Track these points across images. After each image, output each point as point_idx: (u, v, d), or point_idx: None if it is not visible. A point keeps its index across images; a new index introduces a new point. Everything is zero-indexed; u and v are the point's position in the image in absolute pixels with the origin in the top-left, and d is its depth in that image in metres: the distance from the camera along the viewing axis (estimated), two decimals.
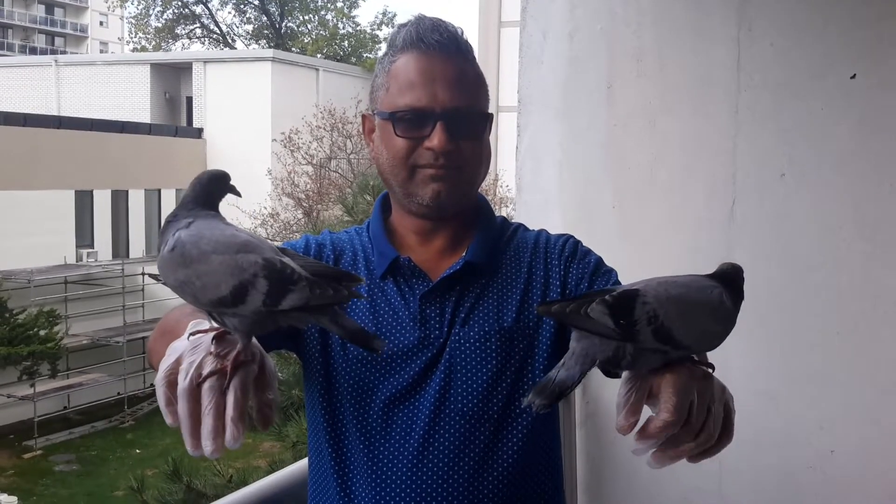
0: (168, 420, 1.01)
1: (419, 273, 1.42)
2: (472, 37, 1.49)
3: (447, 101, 1.37)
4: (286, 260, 1.03)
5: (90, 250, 21.15)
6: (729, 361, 2.32)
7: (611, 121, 2.41)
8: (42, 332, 16.63)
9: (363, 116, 1.49)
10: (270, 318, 1.03)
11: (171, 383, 1.01)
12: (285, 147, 19.04)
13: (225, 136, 24.19)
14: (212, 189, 1.11)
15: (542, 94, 2.49)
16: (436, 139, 1.36)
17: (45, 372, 17.12)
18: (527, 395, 1.02)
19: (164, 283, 1.06)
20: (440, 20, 1.42)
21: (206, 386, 0.98)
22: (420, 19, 1.42)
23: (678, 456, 0.99)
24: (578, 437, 2.52)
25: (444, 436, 1.35)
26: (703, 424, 0.99)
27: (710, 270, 2.28)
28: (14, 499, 14.00)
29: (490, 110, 1.48)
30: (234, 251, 1.02)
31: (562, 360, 1.02)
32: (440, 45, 1.39)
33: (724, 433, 1.03)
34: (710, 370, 1.05)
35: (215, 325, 1.06)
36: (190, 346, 1.03)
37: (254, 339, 1.05)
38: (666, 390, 0.97)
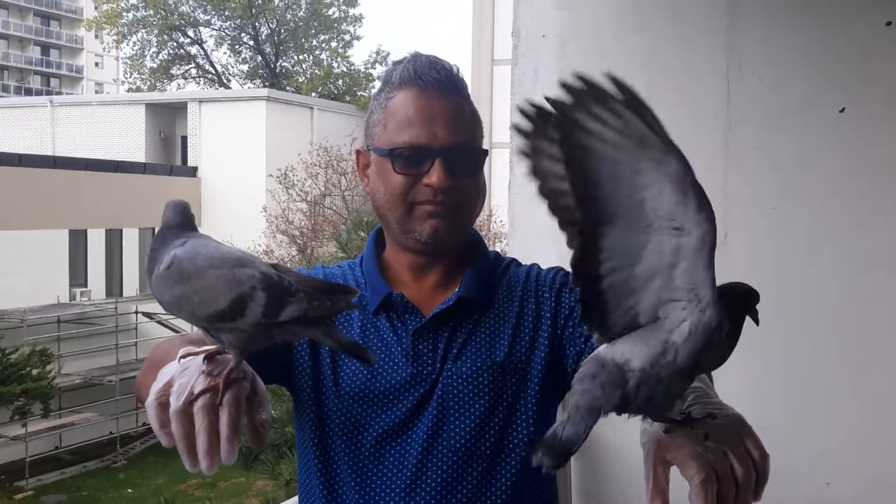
0: (163, 441, 1.02)
1: (412, 309, 1.42)
2: (465, 74, 1.51)
3: (446, 139, 1.38)
4: (282, 274, 1.04)
5: (84, 289, 21.09)
6: (724, 393, 2.33)
7: None
8: (34, 372, 16.53)
9: (358, 152, 1.50)
10: (267, 332, 1.03)
11: (163, 405, 1.01)
12: (280, 184, 19.10)
13: (220, 175, 24.26)
14: (190, 216, 1.13)
15: None
16: (435, 176, 1.37)
17: (38, 411, 16.97)
18: (535, 455, 1.01)
19: (159, 301, 1.06)
20: (436, 58, 1.44)
21: (198, 405, 0.98)
22: (416, 57, 1.44)
23: None
24: (574, 472, 2.50)
25: (436, 471, 1.34)
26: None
27: None
28: None
29: (484, 146, 1.49)
30: (230, 266, 1.03)
31: (567, 414, 1.02)
32: (438, 83, 1.41)
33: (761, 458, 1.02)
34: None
35: (207, 347, 1.06)
36: (181, 369, 1.04)
37: (245, 363, 1.05)
38: (679, 456, 0.96)
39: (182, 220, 1.10)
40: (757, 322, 1.07)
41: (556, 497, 1.49)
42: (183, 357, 1.06)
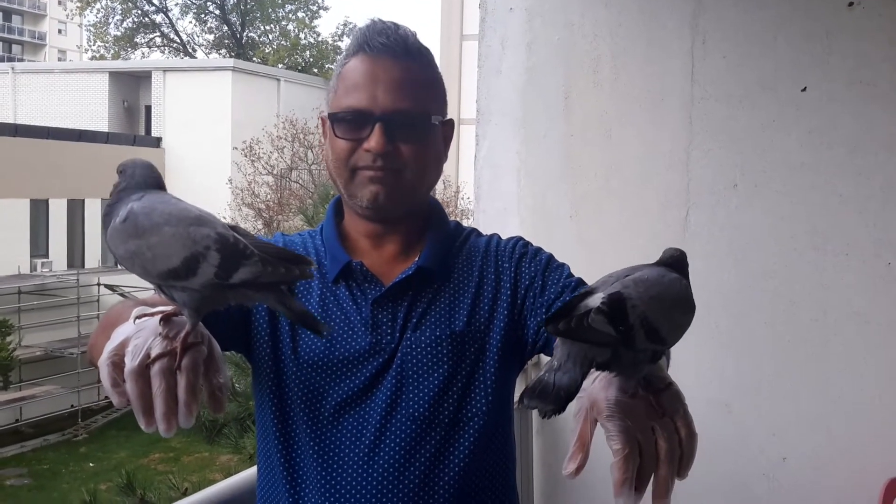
0: (115, 400, 1.00)
1: (371, 278, 1.41)
2: (434, 50, 1.49)
3: (387, 104, 1.36)
4: (238, 236, 1.03)
5: (45, 260, 20.80)
6: (682, 369, 2.35)
7: (568, 130, 2.43)
8: None
9: (321, 120, 1.48)
10: (220, 294, 1.02)
11: (116, 364, 1.00)
12: (246, 157, 18.92)
13: (184, 146, 23.97)
14: (157, 175, 1.11)
15: (501, 103, 2.51)
16: (373, 141, 1.35)
17: None
18: (523, 402, 1.00)
19: (113, 254, 1.04)
20: (393, 24, 1.42)
21: (155, 368, 0.97)
22: (372, 23, 1.42)
23: (663, 487, 0.97)
24: (535, 446, 2.53)
25: (395, 439, 1.34)
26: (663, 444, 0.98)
27: None
28: None
29: (449, 116, 1.48)
30: (186, 224, 1.02)
31: (556, 364, 1.01)
32: (385, 48, 1.38)
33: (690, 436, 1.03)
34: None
35: (163, 308, 1.05)
36: (136, 329, 1.02)
37: (201, 325, 1.04)
38: (610, 425, 0.96)
39: (144, 179, 1.08)
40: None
41: (514, 465, 1.50)
42: (138, 318, 1.04)
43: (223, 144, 22.38)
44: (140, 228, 1.01)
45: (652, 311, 1.01)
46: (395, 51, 1.39)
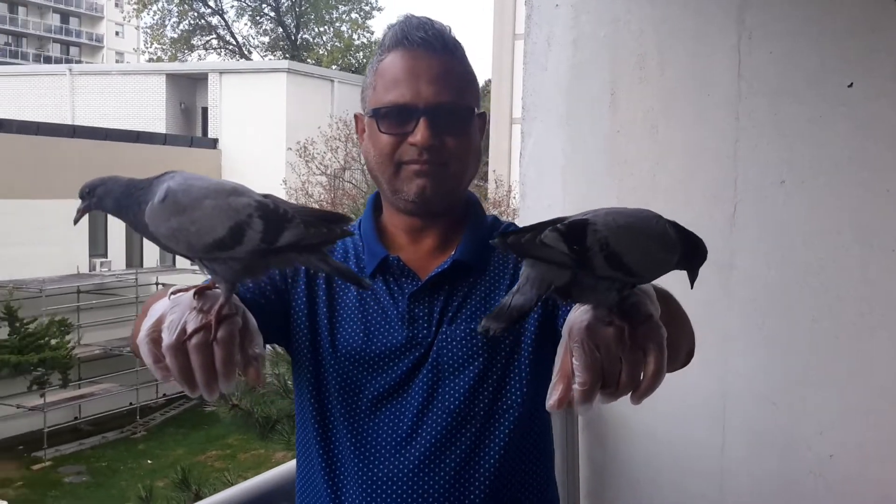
0: (158, 376, 1.04)
1: (408, 272, 1.43)
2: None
3: (431, 97, 1.38)
4: (277, 202, 1.06)
5: (103, 260, 21.26)
6: (728, 365, 2.35)
7: (613, 127, 2.43)
8: (53, 342, 16.67)
9: (356, 117, 1.50)
10: (263, 260, 1.05)
11: (155, 341, 1.03)
12: (300, 157, 19.15)
13: (240, 147, 24.33)
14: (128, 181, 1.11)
15: (546, 100, 2.52)
16: (419, 134, 1.37)
17: (56, 382, 17.14)
18: (482, 323, 1.03)
19: (154, 235, 1.06)
20: (427, 19, 1.44)
21: (192, 343, 1.00)
22: (407, 18, 1.44)
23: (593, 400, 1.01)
24: (581, 442, 2.53)
25: (430, 432, 1.36)
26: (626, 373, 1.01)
27: (715, 275, 2.31)
28: None
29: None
30: (225, 195, 1.04)
31: (515, 287, 1.03)
32: (424, 43, 1.40)
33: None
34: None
35: (196, 284, 1.08)
36: (171, 305, 1.05)
37: (235, 297, 1.06)
38: (578, 353, 0.99)
39: (139, 179, 1.10)
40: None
41: (552, 458, 1.51)
42: (173, 294, 1.08)
43: (278, 145, 22.68)
44: (180, 205, 1.03)
45: (616, 238, 1.02)
46: (433, 45, 1.41)
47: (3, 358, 15.23)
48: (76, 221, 1.16)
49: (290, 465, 1.60)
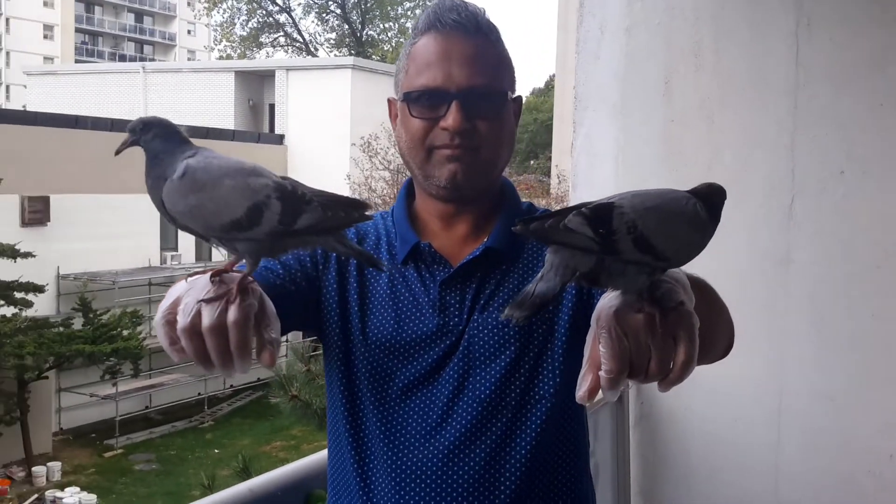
0: (175, 357, 1.04)
1: (440, 259, 1.40)
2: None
3: (463, 80, 1.34)
4: (296, 184, 1.05)
5: (174, 253, 21.74)
6: (785, 362, 2.28)
7: (668, 116, 2.39)
8: (125, 332, 17.13)
9: (389, 101, 1.48)
10: (280, 242, 1.04)
11: (171, 323, 1.03)
12: (364, 152, 19.27)
13: (305, 143, 24.63)
14: (176, 130, 1.11)
15: (599, 90, 2.49)
16: (451, 119, 1.34)
17: (128, 372, 17.62)
18: (504, 311, 1.00)
19: (170, 212, 1.05)
20: (462, 1, 1.41)
21: (205, 324, 0.99)
22: (441, 1, 1.40)
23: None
24: (632, 438, 2.49)
25: (461, 420, 1.33)
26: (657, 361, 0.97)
27: (772, 269, 2.25)
28: (94, 497, 14.44)
29: (517, 94, 1.46)
30: (245, 175, 1.04)
31: (539, 274, 1.00)
32: (457, 25, 1.37)
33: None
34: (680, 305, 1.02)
35: (214, 266, 1.07)
36: (188, 287, 1.05)
37: (253, 282, 1.05)
38: (605, 339, 0.96)
39: (180, 136, 1.09)
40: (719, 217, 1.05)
41: (587, 450, 1.48)
42: (190, 276, 1.07)
43: (342, 141, 22.86)
44: (199, 183, 1.03)
45: (644, 220, 0.98)
46: (466, 27, 1.37)
47: (78, 348, 15.69)
48: (118, 153, 1.15)
49: (325, 452, 1.61)
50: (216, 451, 16.88)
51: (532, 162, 32.30)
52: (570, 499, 1.40)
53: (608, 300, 1.00)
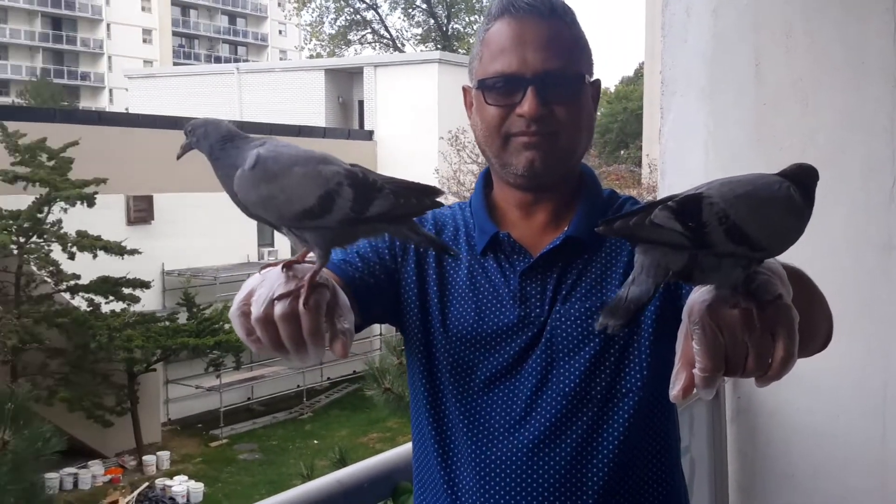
0: (253, 348, 1.05)
1: (519, 249, 1.38)
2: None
3: (538, 65, 1.31)
4: (366, 170, 1.04)
5: (270, 249, 22.24)
6: (890, 353, 2.18)
7: (759, 99, 2.31)
8: (227, 326, 17.59)
9: (464, 89, 1.45)
10: (352, 230, 1.04)
11: (246, 314, 1.04)
12: (451, 146, 19.33)
13: (394, 138, 24.85)
14: (228, 127, 1.11)
15: (686, 73, 2.42)
16: (526, 105, 1.31)
17: (230, 364, 18.12)
18: (598, 320, 0.97)
19: (243, 202, 1.05)
20: None
21: (277, 312, 1.00)
22: None
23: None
24: (729, 434, 2.42)
25: (545, 414, 1.31)
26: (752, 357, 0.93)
27: (873, 256, 2.16)
28: (201, 485, 14.93)
29: (595, 77, 1.42)
30: (315, 163, 1.03)
31: (630, 277, 0.97)
32: (531, 8, 1.33)
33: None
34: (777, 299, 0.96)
35: (288, 259, 1.08)
36: (261, 279, 1.06)
37: (324, 273, 1.05)
38: (699, 336, 0.93)
39: (226, 130, 1.10)
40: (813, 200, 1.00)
41: (677, 444, 1.44)
42: (263, 268, 1.08)
43: (430, 134, 22.98)
44: (270, 172, 1.03)
45: (735, 208, 0.93)
46: (540, 10, 1.34)
47: (183, 341, 16.21)
48: (179, 157, 1.16)
49: (408, 445, 1.62)
50: (315, 441, 17.21)
51: (622, 152, 31.86)
52: (660, 494, 1.37)
53: (700, 293, 0.97)
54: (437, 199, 1.05)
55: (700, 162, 2.41)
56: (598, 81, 1.43)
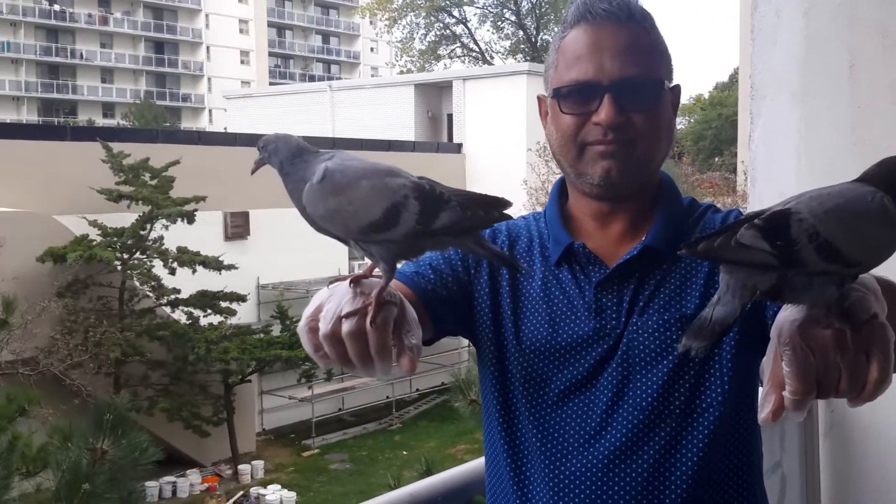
0: (321, 364, 1.06)
1: (595, 260, 1.34)
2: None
3: (615, 72, 1.28)
4: (433, 182, 1.03)
5: (360, 262, 22.54)
6: None
7: (855, 102, 2.21)
8: None
9: (539, 99, 1.43)
10: (418, 242, 1.03)
11: (314, 330, 1.04)
12: (539, 157, 19.26)
13: (482, 150, 24.91)
14: (298, 142, 1.12)
15: (777, 77, 2.34)
16: (603, 113, 1.27)
17: (322, 375, 18.42)
18: (679, 342, 0.95)
19: (311, 216, 1.06)
20: None
21: (345, 330, 1.00)
22: None
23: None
24: (822, 449, 2.32)
25: (620, 429, 1.27)
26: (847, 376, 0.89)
27: None
28: (293, 494, 15.18)
29: (674, 83, 1.37)
30: (382, 175, 1.03)
31: (715, 296, 0.93)
32: (608, 14, 1.30)
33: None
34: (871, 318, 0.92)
35: (356, 273, 1.08)
36: (328, 294, 1.06)
37: (392, 287, 1.04)
38: (789, 356, 0.89)
39: (297, 145, 1.10)
40: None
41: (759, 464, 1.37)
42: (331, 283, 1.08)
43: (518, 146, 22.94)
44: (338, 185, 1.03)
45: (826, 224, 0.89)
46: (618, 16, 1.31)
47: (276, 353, 16.55)
48: (252, 172, 1.19)
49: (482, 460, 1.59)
50: (404, 452, 17.33)
51: (717, 159, 31.17)
52: None
53: (790, 312, 0.93)
54: (506, 212, 1.03)
55: (792, 168, 2.32)
56: (677, 87, 1.39)
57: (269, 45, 63.39)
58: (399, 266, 1.08)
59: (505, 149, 23.91)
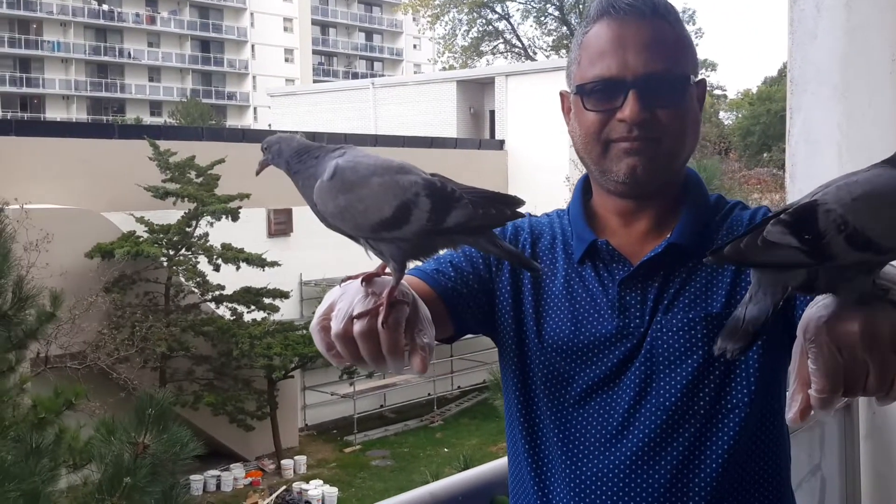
0: (333, 363, 1.06)
1: (619, 257, 1.32)
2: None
3: (640, 68, 1.25)
4: (445, 181, 1.02)
5: None
6: None
7: None
8: None
9: (561, 95, 1.41)
10: (430, 241, 1.02)
11: (326, 329, 1.04)
12: None
13: (525, 146, 24.82)
14: (301, 141, 1.11)
15: (817, 71, 2.29)
16: (627, 109, 1.25)
17: (364, 372, 18.51)
18: (714, 345, 0.93)
19: (321, 212, 1.05)
20: None
21: (356, 330, 0.99)
22: None
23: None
24: (862, 452, 2.27)
25: (643, 430, 1.25)
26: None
27: None
28: (335, 490, 15.28)
29: (700, 77, 1.34)
30: (393, 173, 1.02)
31: (747, 296, 0.92)
32: (632, 9, 1.28)
33: None
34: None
35: (366, 271, 1.07)
36: (340, 292, 1.05)
37: (405, 285, 1.03)
38: (810, 352, 0.87)
39: (300, 143, 1.10)
40: None
41: (787, 466, 1.34)
42: (343, 281, 1.08)
43: (561, 143, 22.80)
44: (348, 182, 1.02)
45: (855, 213, 0.86)
46: (642, 11, 1.28)
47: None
48: (257, 174, 1.18)
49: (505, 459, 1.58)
50: (445, 449, 17.34)
51: (765, 155, 30.71)
52: None
53: (816, 308, 0.91)
54: (518, 210, 1.02)
55: (833, 164, 2.27)
56: (703, 81, 1.36)
57: (313, 43, 63.84)
58: (413, 265, 1.07)
59: (548, 145, 23.77)
